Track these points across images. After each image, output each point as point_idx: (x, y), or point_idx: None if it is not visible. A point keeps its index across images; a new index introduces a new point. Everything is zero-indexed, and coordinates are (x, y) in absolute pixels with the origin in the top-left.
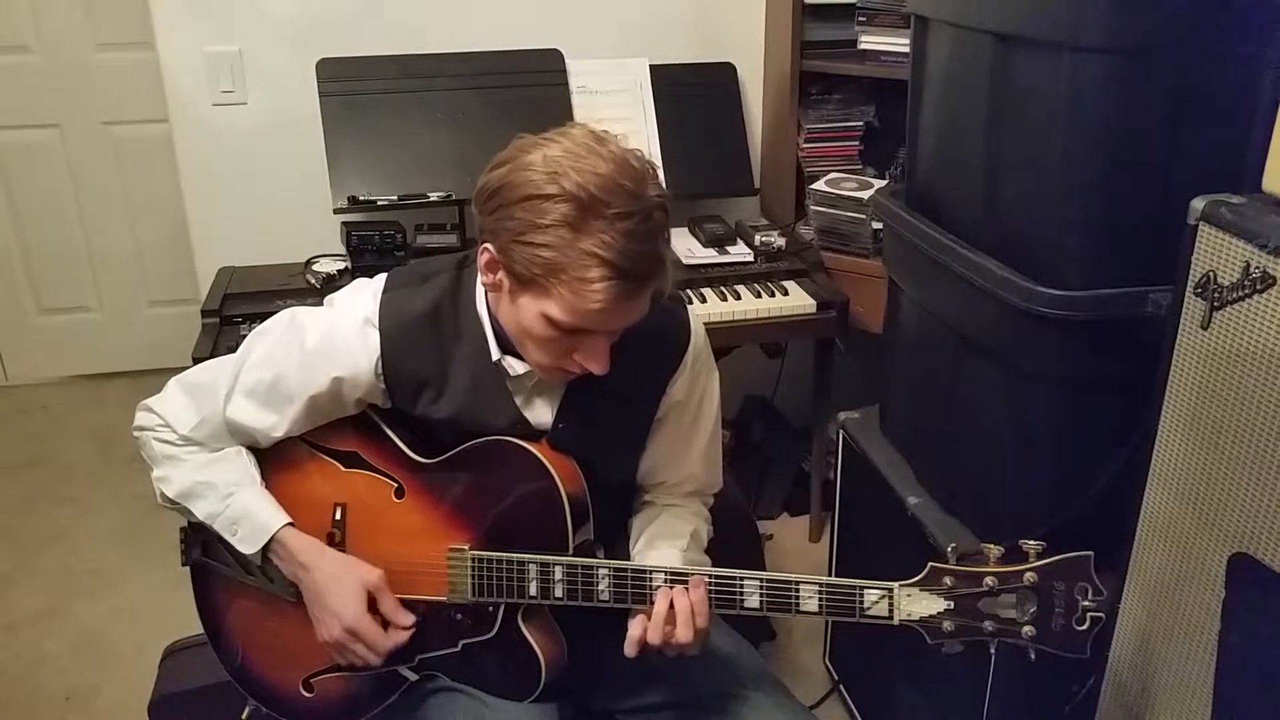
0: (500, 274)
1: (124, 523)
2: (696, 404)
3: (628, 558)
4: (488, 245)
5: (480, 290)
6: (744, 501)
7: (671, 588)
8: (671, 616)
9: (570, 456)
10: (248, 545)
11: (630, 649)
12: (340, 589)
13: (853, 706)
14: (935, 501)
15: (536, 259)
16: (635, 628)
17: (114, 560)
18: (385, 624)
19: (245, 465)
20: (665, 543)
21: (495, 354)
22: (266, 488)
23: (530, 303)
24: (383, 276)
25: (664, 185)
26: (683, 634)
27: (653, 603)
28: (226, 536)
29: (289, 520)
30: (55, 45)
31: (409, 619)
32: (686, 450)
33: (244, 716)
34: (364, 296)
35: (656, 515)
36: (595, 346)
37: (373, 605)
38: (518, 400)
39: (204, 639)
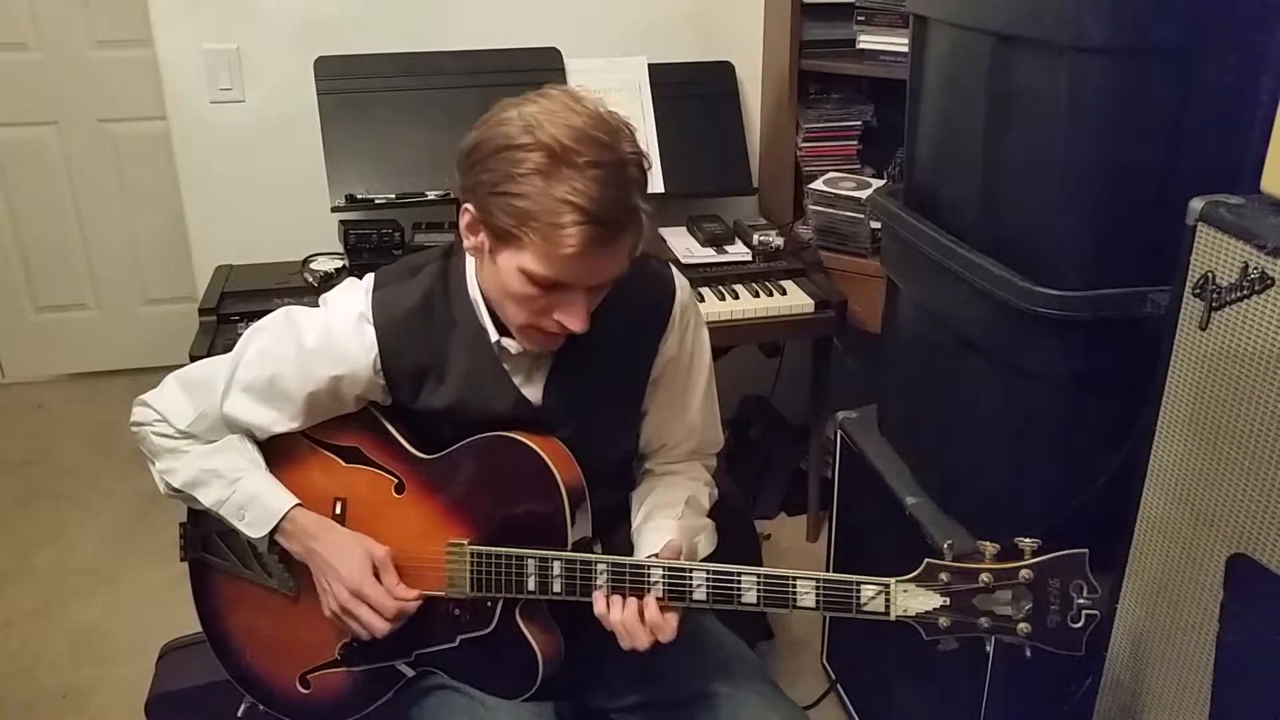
0: (481, 235)
1: (121, 521)
2: (689, 358)
3: (627, 548)
4: (468, 205)
5: (471, 275)
6: (741, 501)
7: (609, 594)
8: (609, 620)
9: (567, 436)
10: (256, 529)
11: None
12: (347, 557)
13: (850, 706)
14: (933, 501)
15: (512, 208)
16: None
17: (110, 558)
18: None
19: (250, 450)
20: (660, 514)
21: (494, 334)
22: None
23: (508, 258)
24: (372, 275)
25: (641, 147)
26: (637, 642)
27: (640, 598)
28: (234, 522)
29: (298, 501)
30: (53, 42)
31: (411, 592)
32: (684, 406)
33: (240, 714)
34: (356, 294)
35: (653, 487)
36: (573, 303)
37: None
38: (516, 380)
39: (201, 637)
